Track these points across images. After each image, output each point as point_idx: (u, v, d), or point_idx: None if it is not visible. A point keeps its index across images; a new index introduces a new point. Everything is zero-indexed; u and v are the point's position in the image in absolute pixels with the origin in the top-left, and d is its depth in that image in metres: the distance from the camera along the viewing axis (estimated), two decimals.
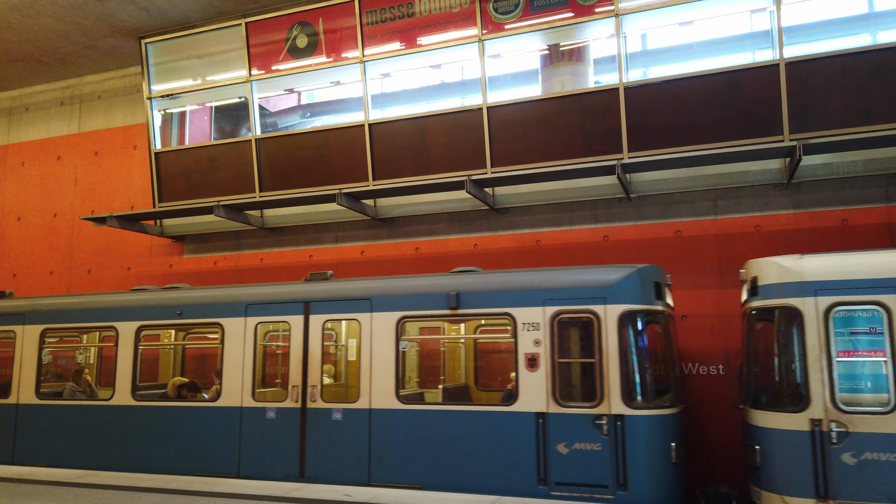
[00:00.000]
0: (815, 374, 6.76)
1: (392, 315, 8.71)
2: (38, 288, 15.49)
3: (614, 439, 7.35)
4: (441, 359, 11.16)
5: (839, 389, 6.76)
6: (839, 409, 6.65)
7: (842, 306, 6.87)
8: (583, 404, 7.63)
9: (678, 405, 8.05)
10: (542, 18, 11.23)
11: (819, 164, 10.11)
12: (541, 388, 7.78)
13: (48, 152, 16.57)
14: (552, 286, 8.07)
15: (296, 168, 12.99)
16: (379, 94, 13.74)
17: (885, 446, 6.40)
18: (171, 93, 14.20)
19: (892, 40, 10.05)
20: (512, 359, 8.07)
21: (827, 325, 6.84)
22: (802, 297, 6.93)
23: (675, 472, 7.59)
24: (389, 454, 8.38)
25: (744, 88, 10.23)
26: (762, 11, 10.87)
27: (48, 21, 13.56)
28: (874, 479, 6.39)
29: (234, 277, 13.90)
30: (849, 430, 6.56)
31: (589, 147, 10.97)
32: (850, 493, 6.46)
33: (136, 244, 15.09)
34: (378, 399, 8.54)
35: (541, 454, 7.62)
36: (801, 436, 6.71)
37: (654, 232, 11.04)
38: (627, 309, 7.67)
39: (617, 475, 7.29)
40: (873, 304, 6.74)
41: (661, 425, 7.57)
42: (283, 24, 12.98)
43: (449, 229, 12.45)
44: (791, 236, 10.23)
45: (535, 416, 7.72)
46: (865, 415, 6.57)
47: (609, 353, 7.57)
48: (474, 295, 8.38)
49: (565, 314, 7.90)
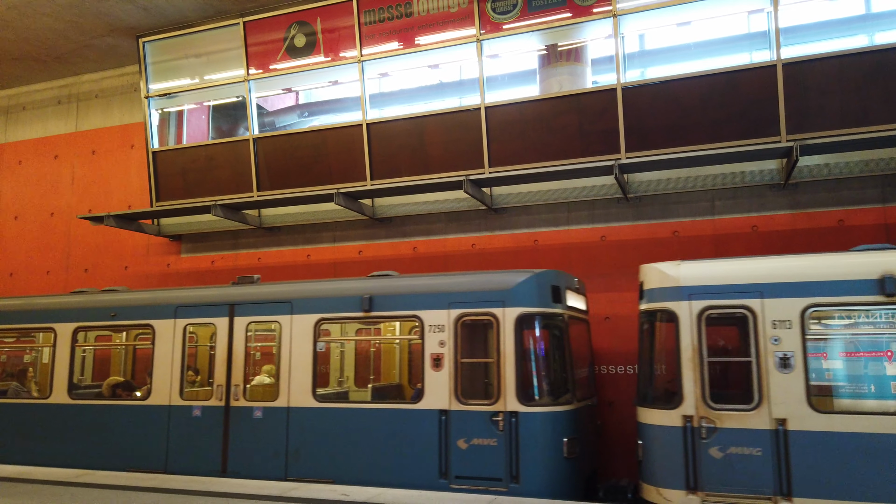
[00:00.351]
0: (688, 374, 7.16)
1: (310, 317, 9.11)
2: (35, 287, 15.46)
3: (509, 435, 7.76)
4: (372, 359, 11.60)
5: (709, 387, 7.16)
6: (709, 407, 7.02)
7: (713, 310, 7.24)
8: (482, 402, 8.00)
9: (574, 403, 8.38)
10: (540, 18, 11.24)
11: (816, 165, 10.13)
12: (444, 387, 8.17)
13: (45, 151, 16.54)
14: (456, 290, 8.49)
15: (293, 167, 12.99)
16: (377, 93, 13.73)
17: (748, 441, 6.82)
18: (168, 92, 14.19)
19: (889, 41, 10.08)
20: None
21: (699, 327, 7.23)
22: (678, 300, 7.32)
23: (568, 465, 7.96)
24: (306, 450, 8.76)
25: (741, 89, 10.25)
26: (759, 12, 10.89)
27: (46, 20, 13.54)
28: (738, 471, 6.80)
29: (231, 277, 13.86)
30: (717, 426, 6.95)
31: (587, 147, 10.98)
32: (717, 484, 6.84)
33: (134, 243, 15.07)
34: (296, 398, 8.95)
35: (443, 449, 8.03)
36: (674, 431, 7.09)
37: (651, 232, 11.06)
38: (524, 312, 8.08)
39: (510, 469, 7.70)
40: (741, 308, 7.12)
41: (553, 422, 7.95)
42: (281, 24, 12.98)
43: (447, 229, 12.46)
44: (788, 237, 10.26)
45: (438, 413, 8.12)
46: (732, 411, 6.95)
47: (506, 354, 7.99)
48: (385, 298, 8.79)
49: (468, 316, 8.30)
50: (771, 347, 6.96)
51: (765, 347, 6.98)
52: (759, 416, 6.85)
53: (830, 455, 6.57)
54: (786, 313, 6.93)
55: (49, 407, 10.44)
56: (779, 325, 6.95)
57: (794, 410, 6.74)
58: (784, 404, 6.80)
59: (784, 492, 6.63)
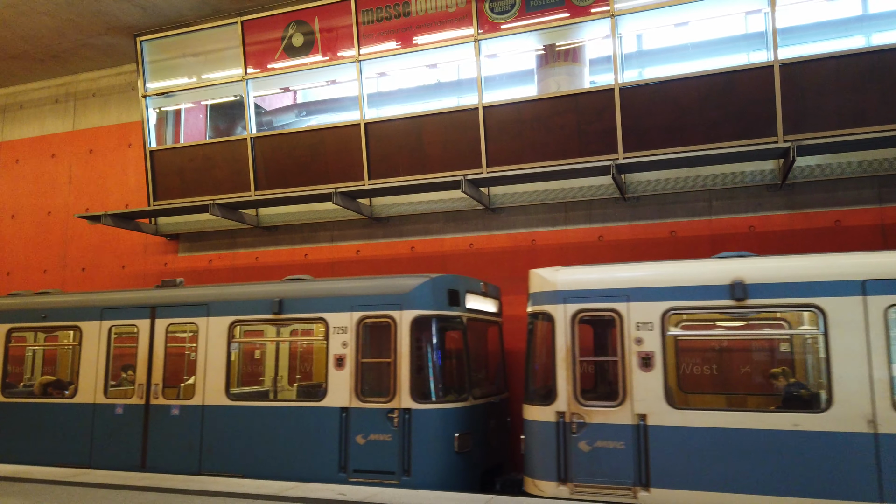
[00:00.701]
0: (562, 372, 7.58)
1: (225, 319, 9.54)
2: (32, 286, 15.43)
3: (402, 431, 8.20)
4: (297, 359, 12.07)
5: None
6: (579, 403, 7.46)
7: (585, 312, 7.69)
8: (379, 400, 8.43)
9: (469, 400, 8.79)
10: (538, 18, 11.25)
11: (813, 166, 10.16)
12: (346, 386, 8.60)
13: (42, 150, 16.51)
14: (359, 294, 8.91)
15: (291, 167, 12.99)
16: (375, 93, 13.74)
17: (613, 435, 7.24)
18: (166, 91, 14.18)
19: (885, 42, 10.11)
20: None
21: (573, 328, 7.66)
22: (555, 304, 7.75)
23: (459, 459, 8.40)
24: (218, 446, 9.22)
25: (738, 90, 10.27)
26: (757, 13, 10.92)
27: (43, 18, 13.52)
28: (603, 463, 7.26)
29: (229, 276, 13.89)
30: (586, 422, 7.40)
31: (584, 147, 11.00)
32: (584, 476, 7.30)
33: (131, 242, 15.06)
34: (210, 396, 9.40)
35: (343, 444, 8.47)
36: (549, 426, 7.51)
37: (648, 232, 11.08)
38: (419, 314, 8.52)
39: (403, 462, 8.14)
40: (609, 311, 7.55)
41: (445, 418, 8.35)
42: (278, 23, 12.97)
43: (444, 229, 12.47)
44: (785, 237, 10.29)
45: (339, 410, 8.57)
46: (599, 408, 7.39)
47: (402, 354, 8.41)
48: (294, 301, 9.22)
49: (369, 319, 8.72)
50: (634, 348, 7.34)
51: (629, 348, 7.36)
52: (622, 411, 7.26)
53: (685, 448, 6.98)
54: (648, 316, 7.34)
55: None
56: (642, 327, 7.35)
57: (654, 406, 7.15)
58: (645, 401, 7.20)
59: (643, 482, 7.06)
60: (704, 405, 8.08)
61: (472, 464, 8.60)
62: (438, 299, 8.71)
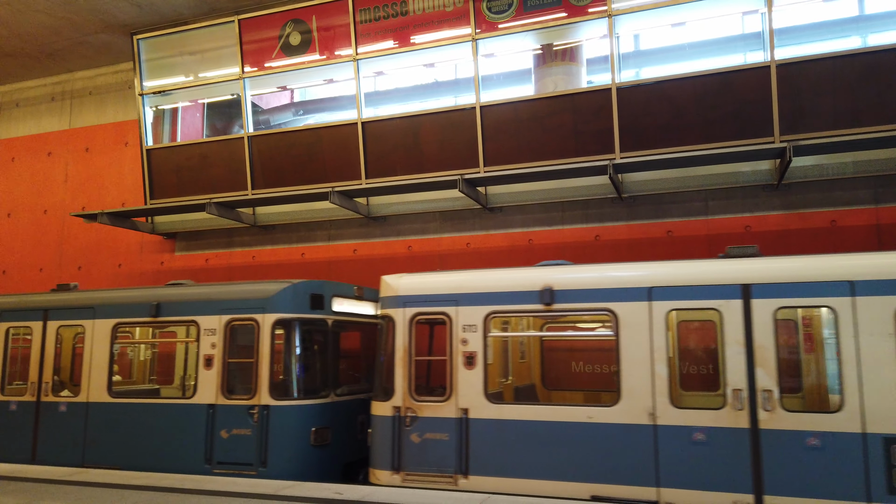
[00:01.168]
0: (399, 370, 8.25)
1: (109, 322, 10.17)
2: (28, 285, 15.41)
3: (261, 426, 8.82)
4: (173, 359, 12.64)
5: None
6: (413, 399, 8.12)
7: (421, 315, 8.35)
8: (242, 397, 9.04)
9: (330, 397, 9.40)
10: (536, 18, 11.26)
11: (809, 166, 10.19)
12: (213, 384, 9.22)
13: (39, 148, 16.47)
14: (227, 298, 9.52)
15: (288, 166, 12.98)
16: (372, 92, 13.74)
17: (439, 428, 7.94)
18: (163, 89, 14.15)
19: (881, 43, 10.14)
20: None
21: (410, 330, 8.34)
22: (396, 308, 8.45)
23: (316, 452, 9.01)
24: (101, 440, 9.85)
25: (735, 90, 10.30)
26: (754, 13, 10.94)
27: (39, 16, 13.48)
28: (431, 453, 7.93)
29: (226, 275, 13.88)
30: (418, 415, 8.05)
31: (581, 147, 11.01)
32: (414, 465, 7.99)
33: (128, 241, 15.03)
34: (94, 394, 10.05)
35: (209, 438, 9.12)
36: (387, 420, 8.20)
37: (645, 232, 11.10)
38: (280, 317, 9.11)
39: (260, 455, 8.77)
40: (441, 314, 8.21)
41: (300, 414, 8.95)
42: (276, 22, 12.96)
43: (441, 228, 12.48)
44: (781, 237, 10.32)
45: (207, 407, 9.20)
46: (429, 402, 8.04)
47: (263, 354, 9.00)
48: (170, 304, 9.86)
49: (235, 321, 9.31)
50: (461, 348, 8.03)
51: (457, 348, 8.04)
52: (448, 406, 7.97)
53: (499, 438, 7.68)
54: (473, 319, 8.04)
55: None
56: (468, 329, 8.05)
57: (474, 401, 7.86)
58: (467, 396, 7.90)
59: (463, 470, 7.76)
60: (517, 400, 8.86)
61: (331, 456, 9.22)
62: (300, 303, 9.30)
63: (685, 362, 9.27)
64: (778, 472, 6.62)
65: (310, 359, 9.59)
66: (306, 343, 9.47)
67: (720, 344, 7.12)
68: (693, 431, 6.93)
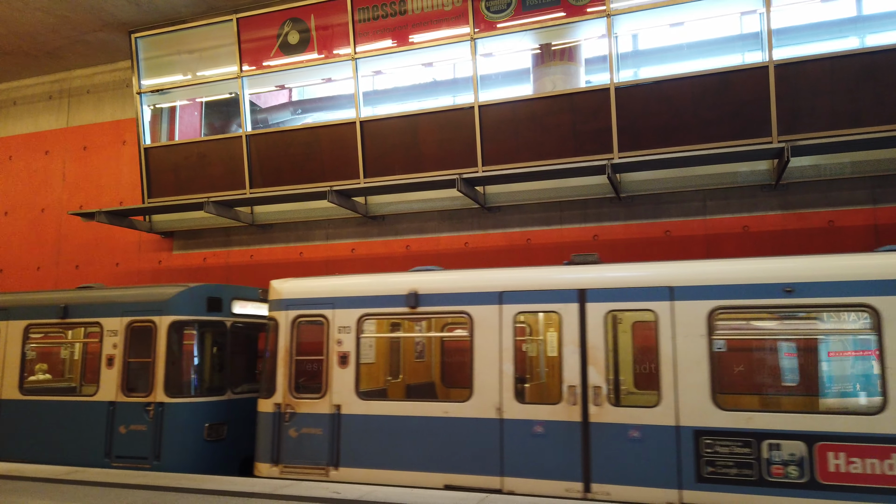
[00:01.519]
0: (281, 369, 8.76)
1: (21, 323, 10.67)
2: (25, 283, 15.38)
3: (156, 422, 9.36)
4: (81, 358, 12.76)
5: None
6: (292, 396, 8.64)
7: (302, 318, 8.88)
8: (140, 395, 9.57)
9: (226, 395, 9.94)
10: (534, 18, 11.26)
11: (807, 166, 10.20)
12: (114, 383, 9.75)
13: (36, 146, 16.44)
14: (129, 301, 10.03)
15: (286, 165, 12.96)
16: (370, 91, 13.73)
17: (315, 423, 8.45)
18: (160, 88, 14.13)
19: (879, 43, 10.15)
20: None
21: (292, 332, 8.86)
22: (280, 310, 8.99)
23: (209, 447, 9.55)
24: (12, 435, 10.29)
25: (733, 90, 10.30)
26: (752, 13, 10.95)
27: (37, 14, 13.45)
28: (306, 447, 8.46)
29: (223, 274, 13.86)
30: (296, 412, 8.57)
31: (579, 147, 11.01)
32: (291, 458, 8.50)
33: (125, 240, 15.01)
34: (7, 392, 10.54)
35: (109, 434, 9.63)
36: (269, 416, 8.71)
37: (643, 232, 11.10)
38: (176, 319, 9.64)
39: (154, 449, 9.29)
40: (319, 316, 8.78)
41: (194, 411, 9.49)
42: (274, 20, 12.94)
43: (440, 227, 12.47)
44: (779, 237, 10.33)
45: (108, 404, 9.72)
46: (306, 399, 8.55)
47: (159, 354, 9.54)
48: (77, 307, 10.33)
49: (136, 323, 9.83)
50: (336, 348, 8.56)
51: (332, 348, 8.58)
52: (323, 402, 8.49)
53: (366, 432, 8.22)
54: (347, 321, 8.59)
55: None
56: (342, 330, 8.59)
57: (347, 398, 8.40)
58: (340, 393, 8.45)
59: (334, 462, 8.28)
60: (384, 396, 9.32)
61: (227, 450, 9.78)
62: (196, 306, 9.84)
63: (528, 361, 9.82)
64: (604, 461, 7.20)
65: (206, 358, 10.11)
66: (203, 344, 10.01)
67: (559, 344, 7.63)
68: (533, 425, 7.51)
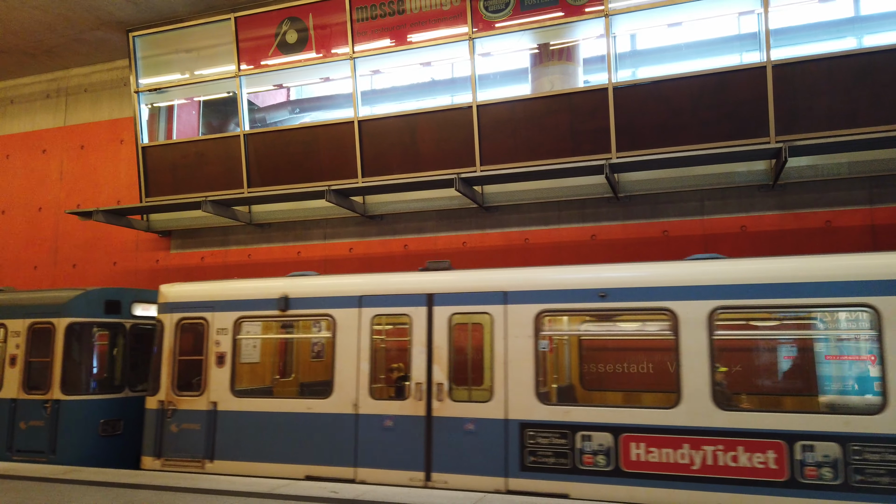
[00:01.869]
0: (165, 369, 9.46)
1: None
2: (22, 282, 15.34)
3: (52, 418, 10.02)
4: None
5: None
6: (174, 393, 9.34)
7: (185, 320, 9.55)
8: (39, 392, 10.23)
9: (124, 392, 10.58)
10: (533, 17, 11.26)
11: (804, 166, 10.22)
12: (16, 381, 10.40)
13: (33, 145, 16.41)
14: (30, 304, 10.67)
15: (284, 164, 12.95)
16: (369, 90, 13.72)
17: (194, 419, 9.15)
18: (158, 87, 14.10)
19: (877, 44, 10.17)
20: None
21: (176, 333, 9.53)
22: (165, 313, 9.67)
23: (103, 442, 10.20)
24: None
25: (731, 90, 10.31)
26: (750, 14, 10.96)
27: (35, 12, 13.42)
28: (185, 441, 9.11)
29: (221, 273, 13.84)
30: (177, 408, 9.27)
31: (578, 146, 11.02)
32: (172, 452, 9.19)
33: (123, 239, 14.98)
34: None
35: (10, 429, 10.28)
36: (154, 413, 9.39)
37: (641, 231, 11.11)
38: (73, 321, 10.30)
39: (51, 444, 9.96)
40: (201, 319, 9.46)
41: (88, 408, 10.17)
42: (272, 19, 12.93)
43: (438, 227, 12.47)
44: (776, 237, 10.34)
45: (10, 401, 10.36)
46: (187, 397, 9.27)
47: (57, 354, 10.18)
48: None
49: (37, 325, 10.50)
50: (214, 349, 9.23)
51: (211, 349, 9.25)
52: (202, 400, 9.17)
53: (239, 427, 8.87)
54: (225, 323, 9.27)
55: None
56: (221, 332, 9.25)
57: (222, 395, 9.07)
58: (217, 391, 9.14)
59: (209, 456, 8.95)
60: (256, 394, 9.84)
61: (123, 446, 10.37)
62: (93, 309, 10.48)
63: (383, 360, 10.37)
64: (443, 452, 7.86)
65: (102, 358, 10.74)
66: (100, 344, 10.61)
67: (409, 344, 8.31)
68: (384, 419, 8.18)
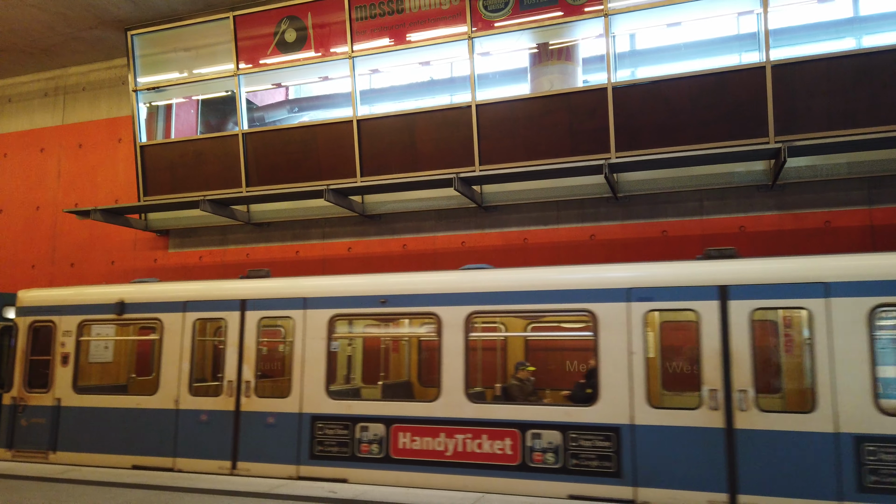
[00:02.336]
0: (18, 367, 10.20)
1: None
2: (20, 282, 15.30)
3: None
4: None
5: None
6: (25, 390, 10.07)
7: (37, 323, 10.21)
8: None
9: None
10: (532, 17, 11.26)
11: (803, 166, 10.22)
12: None
13: (31, 144, 16.37)
14: None
15: (283, 163, 12.93)
16: (367, 90, 13.71)
17: (41, 414, 9.92)
18: (157, 85, 14.08)
19: (876, 44, 10.18)
20: None
21: (28, 335, 10.22)
22: (21, 316, 10.35)
23: None
24: None
25: (730, 90, 10.32)
26: (749, 14, 10.96)
27: (33, 11, 13.39)
28: (33, 434, 9.88)
29: (219, 273, 13.82)
30: (27, 404, 10.01)
31: (577, 146, 11.01)
32: (21, 444, 9.94)
33: (121, 238, 14.95)
34: None
35: None
36: (7, 408, 10.02)
37: (640, 231, 11.11)
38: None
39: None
40: (48, 322, 10.11)
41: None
42: (271, 18, 12.91)
43: (436, 227, 12.46)
44: (775, 237, 10.35)
45: None
46: (36, 393, 9.96)
47: None
48: None
49: None
50: (60, 349, 9.97)
51: (57, 350, 9.98)
52: (47, 396, 9.95)
53: (80, 422, 9.64)
54: (70, 326, 10.00)
55: None
56: (66, 334, 10.01)
57: (66, 392, 9.85)
58: (61, 388, 9.89)
59: (53, 447, 9.81)
60: (95, 391, 10.30)
61: None
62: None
63: (203, 360, 11.01)
64: (248, 442, 8.68)
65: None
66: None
67: (225, 345, 9.03)
68: (201, 414, 9.06)
